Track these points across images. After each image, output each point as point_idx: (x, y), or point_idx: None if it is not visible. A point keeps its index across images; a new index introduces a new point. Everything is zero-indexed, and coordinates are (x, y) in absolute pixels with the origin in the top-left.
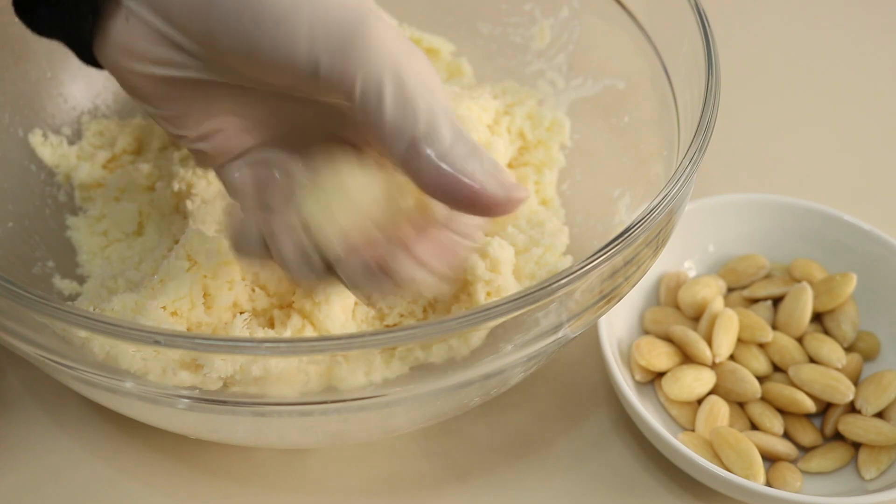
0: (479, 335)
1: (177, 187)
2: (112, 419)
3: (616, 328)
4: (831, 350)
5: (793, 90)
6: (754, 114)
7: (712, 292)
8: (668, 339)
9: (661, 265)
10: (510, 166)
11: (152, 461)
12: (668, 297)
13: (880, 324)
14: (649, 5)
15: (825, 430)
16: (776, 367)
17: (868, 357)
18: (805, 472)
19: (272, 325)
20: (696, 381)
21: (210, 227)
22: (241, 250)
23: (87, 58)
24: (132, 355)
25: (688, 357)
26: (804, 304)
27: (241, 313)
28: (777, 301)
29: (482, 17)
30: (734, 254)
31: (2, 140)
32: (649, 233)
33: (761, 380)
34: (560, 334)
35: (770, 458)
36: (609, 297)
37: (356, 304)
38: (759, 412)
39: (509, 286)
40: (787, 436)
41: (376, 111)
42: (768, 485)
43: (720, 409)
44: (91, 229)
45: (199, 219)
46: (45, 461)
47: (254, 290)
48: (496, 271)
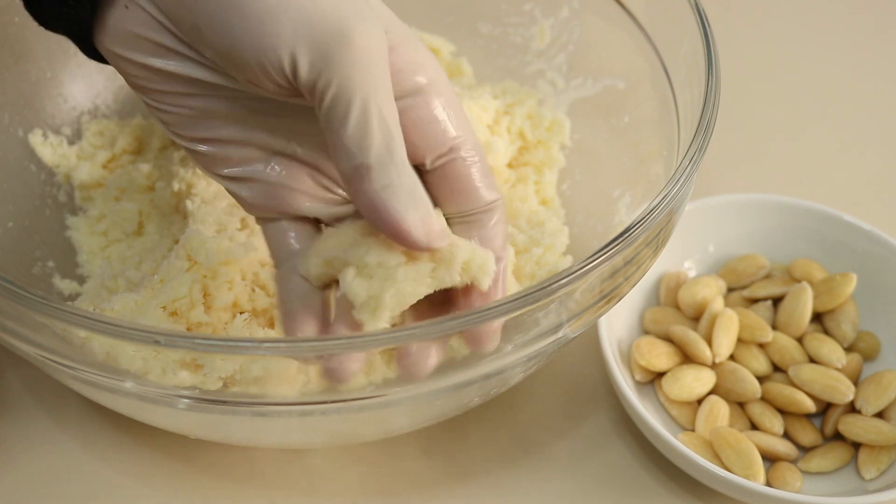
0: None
1: (177, 187)
2: (112, 419)
3: (616, 328)
4: (831, 350)
5: (793, 90)
6: (754, 114)
7: (712, 292)
8: (668, 339)
9: (661, 265)
10: (510, 166)
11: (152, 461)
12: (668, 297)
13: (880, 324)
14: (649, 5)
15: (825, 430)
16: (776, 367)
17: (868, 357)
18: (805, 472)
19: (272, 325)
20: (696, 381)
21: (210, 227)
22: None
23: (90, 50)
24: (132, 355)
25: (688, 357)
26: (804, 304)
27: (241, 313)
28: (777, 301)
29: (482, 17)
30: (734, 254)
31: (2, 140)
32: (649, 233)
33: (761, 380)
34: (560, 334)
35: (770, 458)
36: (609, 297)
37: None
38: (759, 412)
39: (509, 286)
40: (787, 436)
41: (338, 126)
42: (768, 485)
43: (720, 409)
44: (91, 229)
45: (199, 219)
46: (45, 461)
47: (254, 290)
48: None
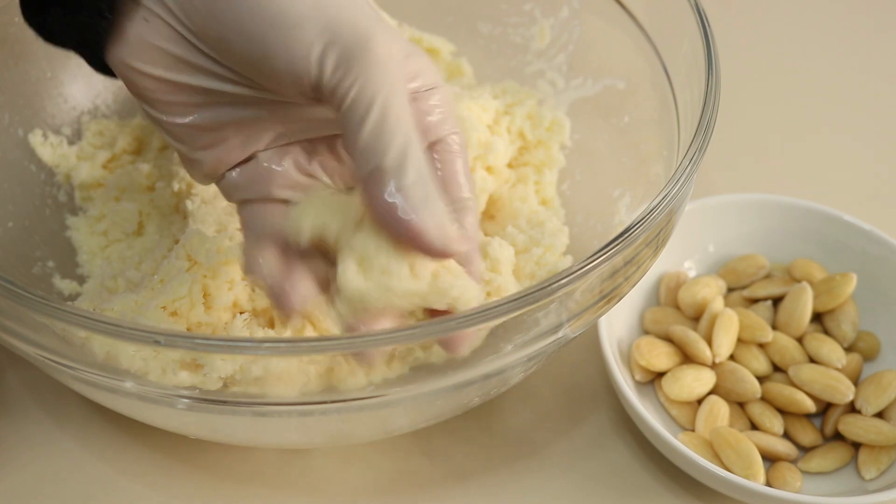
0: (479, 335)
1: (177, 187)
2: (112, 419)
3: (616, 328)
4: (831, 350)
5: (793, 90)
6: (754, 114)
7: (712, 292)
8: (668, 339)
9: (661, 265)
10: (510, 166)
11: (152, 461)
12: (668, 297)
13: (880, 324)
14: (649, 5)
15: (825, 430)
16: (776, 367)
17: (868, 357)
18: (805, 472)
19: (272, 325)
20: (696, 381)
21: (210, 227)
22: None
23: (96, 61)
24: (132, 355)
25: (688, 357)
26: (804, 304)
27: (241, 313)
28: (777, 301)
29: (482, 17)
30: (734, 254)
31: (2, 140)
32: (649, 233)
33: (761, 380)
34: (560, 334)
35: (770, 458)
36: (609, 297)
37: None
38: (759, 412)
39: (509, 286)
40: (787, 436)
41: (356, 128)
42: (768, 485)
43: (720, 409)
44: (91, 229)
45: (199, 219)
46: (45, 461)
47: (254, 290)
48: (496, 271)
